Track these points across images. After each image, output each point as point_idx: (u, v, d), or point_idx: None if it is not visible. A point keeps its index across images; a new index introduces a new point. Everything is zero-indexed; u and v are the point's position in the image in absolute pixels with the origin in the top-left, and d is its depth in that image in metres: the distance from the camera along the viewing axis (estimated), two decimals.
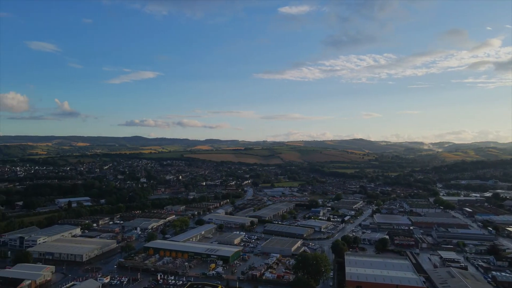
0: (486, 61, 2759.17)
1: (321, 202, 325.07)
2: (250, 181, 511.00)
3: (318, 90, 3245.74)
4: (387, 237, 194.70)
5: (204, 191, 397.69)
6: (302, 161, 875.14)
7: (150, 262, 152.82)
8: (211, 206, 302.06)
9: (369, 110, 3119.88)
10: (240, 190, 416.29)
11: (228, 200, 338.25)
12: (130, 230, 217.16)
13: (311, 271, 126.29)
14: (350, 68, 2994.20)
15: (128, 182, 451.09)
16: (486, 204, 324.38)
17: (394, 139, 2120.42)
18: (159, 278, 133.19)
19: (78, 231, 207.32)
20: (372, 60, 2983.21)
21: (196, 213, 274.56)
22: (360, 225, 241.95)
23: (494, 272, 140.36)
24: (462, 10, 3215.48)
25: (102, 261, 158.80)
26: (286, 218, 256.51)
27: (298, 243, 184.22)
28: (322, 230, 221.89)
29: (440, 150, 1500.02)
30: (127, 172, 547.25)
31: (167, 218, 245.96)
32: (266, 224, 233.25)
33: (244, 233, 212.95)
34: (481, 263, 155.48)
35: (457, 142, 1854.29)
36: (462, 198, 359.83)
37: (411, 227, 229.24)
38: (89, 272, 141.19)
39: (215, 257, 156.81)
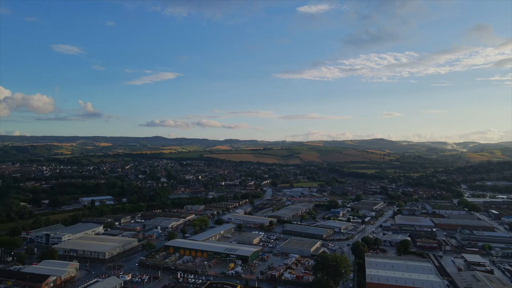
0: None
1: (340, 203, 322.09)
2: (269, 181, 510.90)
3: (337, 90, 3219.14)
4: (409, 239, 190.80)
5: (223, 191, 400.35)
6: (321, 161, 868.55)
7: (170, 260, 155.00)
8: (230, 206, 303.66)
9: (390, 109, 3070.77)
10: (259, 190, 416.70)
11: (247, 200, 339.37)
12: (151, 228, 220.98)
13: (331, 272, 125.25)
14: (371, 67, 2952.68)
15: (148, 181, 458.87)
16: None
17: (416, 139, 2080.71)
18: (179, 277, 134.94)
19: (101, 229, 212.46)
20: (393, 58, 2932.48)
21: (215, 212, 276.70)
22: (380, 226, 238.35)
23: None
24: (487, 5, 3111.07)
25: (124, 258, 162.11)
26: (305, 219, 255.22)
27: (318, 244, 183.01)
28: (342, 231, 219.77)
29: (464, 150, 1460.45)
30: (148, 171, 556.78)
31: (187, 217, 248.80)
32: (285, 224, 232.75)
33: (263, 233, 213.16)
34: (508, 267, 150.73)
35: (482, 142, 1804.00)
36: (488, 199, 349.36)
37: (434, 229, 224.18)
38: (111, 269, 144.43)
39: (234, 256, 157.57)
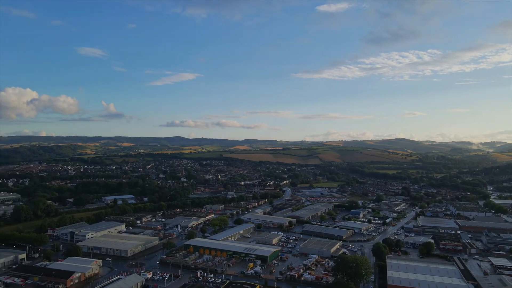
0: None
1: (361, 204, 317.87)
2: (288, 181, 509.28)
3: (357, 89, 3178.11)
4: (432, 241, 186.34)
5: (242, 191, 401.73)
6: (341, 161, 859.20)
7: (190, 259, 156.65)
8: (250, 206, 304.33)
9: (412, 108, 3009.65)
10: (278, 190, 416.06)
11: (266, 200, 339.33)
12: (171, 227, 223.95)
13: (351, 274, 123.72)
14: (392, 65, 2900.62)
15: (169, 181, 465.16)
16: None
17: (439, 139, 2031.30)
18: (199, 276, 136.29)
19: (123, 228, 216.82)
20: (415, 56, 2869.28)
21: (234, 212, 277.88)
22: (402, 228, 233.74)
23: None
24: None
25: (145, 257, 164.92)
26: (325, 219, 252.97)
27: (338, 245, 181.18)
28: (363, 232, 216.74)
29: (491, 150, 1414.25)
30: (168, 171, 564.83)
31: (207, 217, 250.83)
32: (305, 224, 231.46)
33: (282, 233, 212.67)
34: None
35: (510, 142, 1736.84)
36: None
37: (459, 231, 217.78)
38: (133, 267, 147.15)
39: (254, 256, 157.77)
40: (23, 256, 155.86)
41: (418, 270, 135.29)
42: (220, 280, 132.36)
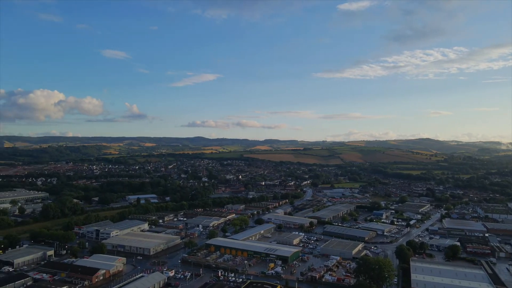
0: None
1: (384, 205, 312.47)
2: (309, 181, 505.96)
3: (380, 88, 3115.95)
4: (458, 244, 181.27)
5: (263, 191, 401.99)
6: (363, 161, 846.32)
7: (211, 258, 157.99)
8: (270, 206, 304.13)
9: (436, 108, 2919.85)
10: (299, 191, 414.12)
11: (287, 200, 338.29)
12: (193, 227, 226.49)
13: (373, 276, 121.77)
14: (416, 63, 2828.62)
15: (190, 181, 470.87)
16: None
17: (465, 139, 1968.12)
18: (220, 275, 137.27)
19: (146, 226, 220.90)
20: (440, 54, 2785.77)
21: (255, 212, 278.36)
22: (427, 230, 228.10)
23: None
24: None
25: (167, 255, 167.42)
26: (347, 220, 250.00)
27: (359, 246, 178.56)
28: (385, 233, 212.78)
29: None
30: (190, 171, 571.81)
31: (227, 217, 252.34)
32: (326, 225, 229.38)
33: (303, 233, 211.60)
34: None
35: None
36: None
37: (487, 234, 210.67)
38: (155, 265, 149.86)
39: (274, 256, 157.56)
40: (51, 252, 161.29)
41: (443, 274, 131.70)
42: (241, 279, 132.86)
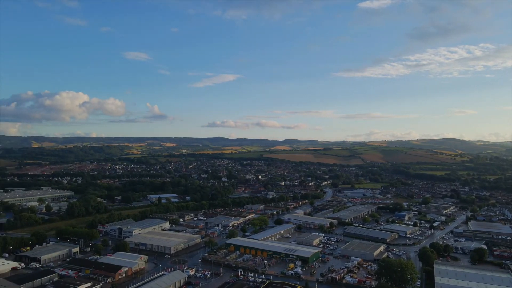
0: None
1: (406, 206, 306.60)
2: (329, 181, 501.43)
3: (402, 87, 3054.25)
4: (485, 247, 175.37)
5: (283, 191, 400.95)
6: (385, 161, 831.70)
7: (231, 258, 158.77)
8: (290, 206, 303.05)
9: (462, 106, 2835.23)
10: (319, 191, 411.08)
11: (307, 200, 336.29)
12: (213, 226, 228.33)
13: (395, 279, 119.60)
14: (439, 61, 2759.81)
15: (210, 180, 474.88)
16: None
17: (493, 139, 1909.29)
18: (240, 274, 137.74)
19: (167, 225, 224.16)
20: (465, 51, 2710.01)
21: (275, 212, 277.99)
22: (451, 232, 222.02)
23: None
24: None
25: (188, 254, 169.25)
26: (368, 221, 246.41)
27: (381, 248, 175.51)
28: (408, 235, 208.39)
29: None
30: (210, 171, 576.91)
31: (247, 217, 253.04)
32: (346, 226, 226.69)
33: (323, 234, 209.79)
34: None
35: None
36: None
37: None
38: (176, 263, 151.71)
39: (294, 257, 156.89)
40: (76, 249, 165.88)
41: (469, 278, 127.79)
42: (260, 279, 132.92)
